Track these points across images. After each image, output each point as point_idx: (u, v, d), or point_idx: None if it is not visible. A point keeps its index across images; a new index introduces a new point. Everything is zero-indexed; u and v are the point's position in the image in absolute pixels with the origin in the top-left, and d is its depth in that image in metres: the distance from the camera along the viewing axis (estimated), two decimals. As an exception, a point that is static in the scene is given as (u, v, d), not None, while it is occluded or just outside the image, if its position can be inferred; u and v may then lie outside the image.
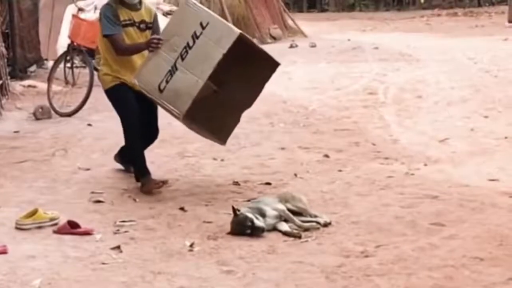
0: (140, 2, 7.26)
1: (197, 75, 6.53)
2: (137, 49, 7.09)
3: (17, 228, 5.85)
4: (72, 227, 5.79)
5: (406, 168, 7.65)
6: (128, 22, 7.13)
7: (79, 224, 5.84)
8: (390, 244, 5.48)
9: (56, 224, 5.90)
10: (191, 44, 6.62)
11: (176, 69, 6.63)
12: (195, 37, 6.59)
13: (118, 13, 7.08)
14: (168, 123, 8.82)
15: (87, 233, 5.75)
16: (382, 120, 10.11)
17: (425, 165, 7.80)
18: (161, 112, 7.27)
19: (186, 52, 6.62)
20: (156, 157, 7.94)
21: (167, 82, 6.65)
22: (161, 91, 6.67)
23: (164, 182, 7.01)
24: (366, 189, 6.97)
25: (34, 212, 5.95)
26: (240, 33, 6.59)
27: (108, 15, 7.06)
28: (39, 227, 5.84)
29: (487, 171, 7.53)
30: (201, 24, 6.59)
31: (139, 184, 7.04)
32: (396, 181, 7.19)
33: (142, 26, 7.20)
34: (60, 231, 5.78)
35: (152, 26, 7.26)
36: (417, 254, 5.28)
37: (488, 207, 6.32)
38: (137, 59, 7.13)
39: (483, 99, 11.12)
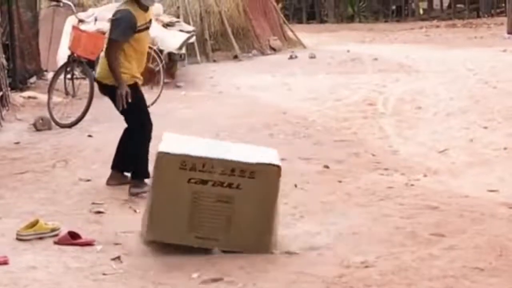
0: None
1: None
2: (116, 75, 7.17)
3: (18, 239, 5.86)
4: (72, 238, 5.80)
5: (406, 179, 7.66)
6: (144, 26, 7.28)
7: (80, 235, 5.85)
8: (390, 255, 5.49)
9: (56, 235, 5.91)
10: None
11: None
12: None
13: (136, 20, 7.18)
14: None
15: (88, 243, 5.76)
16: (382, 131, 10.13)
17: (425, 176, 7.81)
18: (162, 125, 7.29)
19: None
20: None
21: None
22: None
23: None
24: (366, 200, 6.98)
25: (35, 223, 5.96)
26: None
27: (126, 21, 7.14)
28: (40, 238, 5.85)
29: (486, 181, 7.54)
30: None
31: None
32: (396, 192, 7.19)
33: (149, 25, 7.42)
34: (60, 242, 5.79)
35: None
36: (417, 265, 5.29)
37: (488, 218, 6.33)
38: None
39: (482, 110, 11.12)
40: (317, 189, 7.37)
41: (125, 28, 7.16)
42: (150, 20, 7.45)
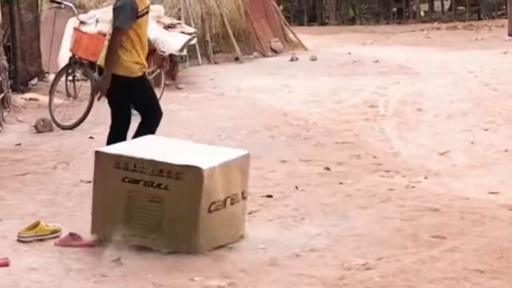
0: None
1: None
2: (110, 63, 7.32)
3: (19, 241, 5.86)
4: (73, 239, 5.80)
5: (406, 181, 7.67)
6: (144, 11, 7.45)
7: (81, 236, 5.85)
8: (391, 257, 5.50)
9: (57, 236, 5.91)
10: None
11: None
12: None
13: (137, 6, 7.34)
14: (167, 135, 8.83)
15: (89, 245, 5.76)
16: (383, 133, 10.13)
17: (426, 178, 7.82)
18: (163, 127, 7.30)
19: None
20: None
21: None
22: None
23: None
24: (367, 201, 6.99)
25: (36, 225, 5.96)
26: None
27: (128, 8, 7.30)
28: (41, 240, 5.85)
29: (487, 184, 7.55)
30: None
31: None
32: (396, 194, 7.20)
33: (148, 10, 7.58)
34: (61, 243, 5.79)
35: None
36: (418, 267, 5.30)
37: (489, 220, 6.33)
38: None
39: (483, 112, 11.13)
40: (318, 191, 7.38)
41: (128, 14, 7.31)
42: (148, 5, 7.61)
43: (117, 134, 7.50)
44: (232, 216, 5.90)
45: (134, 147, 6.17)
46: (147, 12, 7.55)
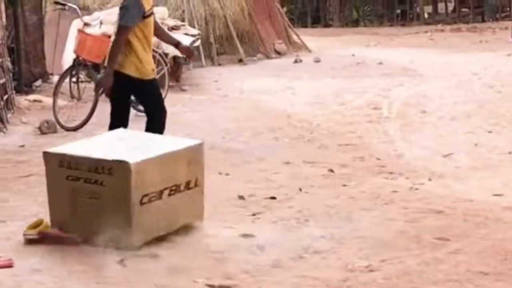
0: None
1: None
2: (113, 58, 7.40)
3: (25, 239, 5.85)
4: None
5: (410, 183, 7.66)
6: (150, 11, 7.51)
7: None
8: (394, 259, 5.49)
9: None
10: None
11: None
12: None
13: (144, 6, 7.40)
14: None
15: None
16: (387, 135, 10.13)
17: (429, 180, 7.81)
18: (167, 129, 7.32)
19: None
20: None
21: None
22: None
23: None
24: (370, 203, 6.99)
25: (39, 223, 5.96)
26: None
27: (134, 7, 7.37)
28: (42, 238, 5.84)
29: (491, 186, 7.54)
30: None
31: None
32: (400, 196, 7.20)
33: (153, 10, 7.64)
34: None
35: None
36: (422, 269, 5.29)
37: (492, 222, 6.33)
38: None
39: (487, 114, 11.13)
40: (321, 193, 7.38)
41: (134, 13, 7.38)
42: (153, 6, 7.68)
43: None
44: (172, 207, 5.98)
45: (80, 145, 6.38)
46: (152, 13, 7.60)
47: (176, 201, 6.02)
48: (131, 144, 6.27)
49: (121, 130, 6.83)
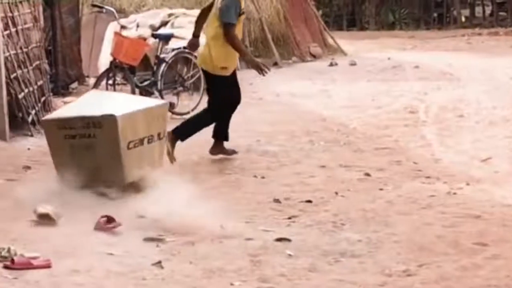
0: None
1: None
2: (242, 50, 8.80)
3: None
4: (107, 223, 6.16)
5: (448, 188, 7.60)
6: (243, 10, 8.54)
7: (114, 218, 6.18)
8: (432, 264, 5.45)
9: None
10: None
11: None
12: None
13: (241, 4, 8.38)
14: (206, 140, 8.87)
15: (116, 226, 6.13)
16: (423, 139, 10.06)
17: (467, 184, 7.74)
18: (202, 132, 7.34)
19: None
20: (196, 175, 7.97)
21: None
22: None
23: (234, 152, 8.73)
24: (407, 208, 6.94)
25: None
26: None
27: (235, 6, 8.33)
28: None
29: (530, 191, 7.45)
30: None
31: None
32: (438, 200, 7.14)
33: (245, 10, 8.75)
34: (98, 227, 6.15)
35: None
36: (460, 274, 5.24)
37: (532, 227, 6.25)
38: None
39: (525, 118, 11.02)
40: (358, 197, 7.34)
41: (234, 11, 8.33)
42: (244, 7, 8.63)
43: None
44: (150, 152, 7.31)
45: (69, 108, 7.74)
46: (243, 13, 8.52)
47: (152, 147, 7.32)
48: (113, 102, 7.45)
49: (100, 91, 8.46)
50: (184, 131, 8.66)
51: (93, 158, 6.97)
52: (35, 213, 6.30)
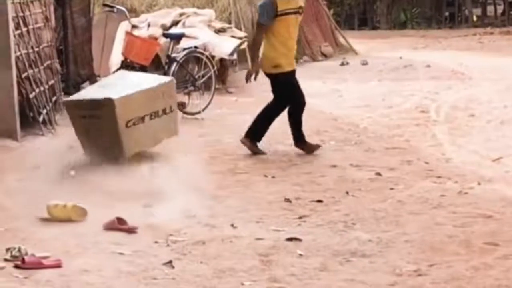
0: None
1: None
2: (252, 53, 9.37)
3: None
4: (119, 224, 6.16)
5: (459, 187, 7.58)
6: (285, 11, 8.72)
7: (126, 221, 6.18)
8: (443, 263, 5.43)
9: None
10: None
11: None
12: None
13: (277, 5, 8.67)
14: (217, 140, 8.87)
15: (131, 230, 6.13)
16: (434, 138, 10.04)
17: (479, 184, 7.72)
18: (213, 131, 7.31)
19: None
20: (207, 174, 7.97)
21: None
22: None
23: (318, 146, 9.13)
24: (418, 207, 6.92)
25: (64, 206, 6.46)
26: None
27: (268, 7, 8.73)
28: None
29: (542, 191, 7.43)
30: None
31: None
32: (449, 200, 7.13)
33: (300, 11, 8.91)
34: (107, 226, 6.18)
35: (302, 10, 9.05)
36: (471, 274, 5.22)
37: (543, 228, 6.23)
38: None
39: (537, 118, 10.99)
40: (369, 197, 7.33)
41: (265, 12, 8.73)
42: (300, 7, 8.89)
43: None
44: (152, 128, 8.05)
45: (87, 91, 8.80)
46: (293, 13, 8.76)
47: (156, 123, 8.09)
48: (124, 83, 8.25)
49: (120, 72, 9.43)
50: (255, 131, 9.08)
51: (100, 136, 7.88)
52: None
